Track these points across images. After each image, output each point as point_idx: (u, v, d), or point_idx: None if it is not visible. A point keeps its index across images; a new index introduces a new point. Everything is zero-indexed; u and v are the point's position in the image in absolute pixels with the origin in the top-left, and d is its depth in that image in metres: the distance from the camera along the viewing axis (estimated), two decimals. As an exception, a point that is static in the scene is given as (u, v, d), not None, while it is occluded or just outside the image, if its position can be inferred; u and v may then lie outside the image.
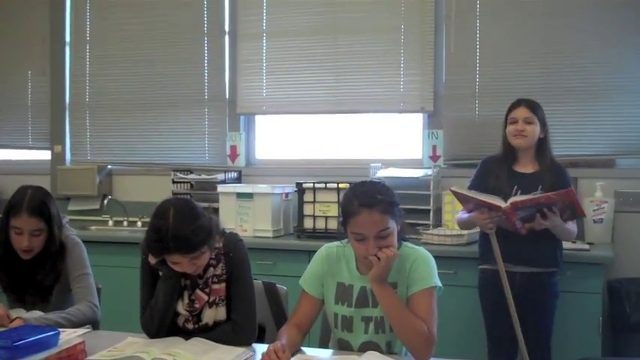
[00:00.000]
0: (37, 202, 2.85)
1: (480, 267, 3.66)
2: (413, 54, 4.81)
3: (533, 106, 3.56)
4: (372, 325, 2.44)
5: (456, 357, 2.38)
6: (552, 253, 3.52)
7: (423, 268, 2.41)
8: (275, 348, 2.23)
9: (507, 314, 3.38)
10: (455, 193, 3.47)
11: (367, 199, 2.32)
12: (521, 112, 3.54)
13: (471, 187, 3.57)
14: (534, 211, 3.28)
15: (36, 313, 2.75)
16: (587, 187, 4.33)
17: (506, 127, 3.59)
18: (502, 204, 3.28)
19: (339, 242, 2.57)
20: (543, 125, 3.55)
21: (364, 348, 2.38)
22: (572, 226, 3.46)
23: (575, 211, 3.35)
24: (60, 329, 2.35)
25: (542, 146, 3.56)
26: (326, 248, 2.58)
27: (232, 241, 2.60)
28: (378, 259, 2.30)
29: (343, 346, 2.49)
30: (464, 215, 3.58)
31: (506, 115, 3.61)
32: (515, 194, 3.39)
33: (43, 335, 2.22)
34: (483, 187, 3.50)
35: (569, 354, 3.64)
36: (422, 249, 2.50)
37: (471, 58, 4.69)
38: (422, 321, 2.31)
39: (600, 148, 4.46)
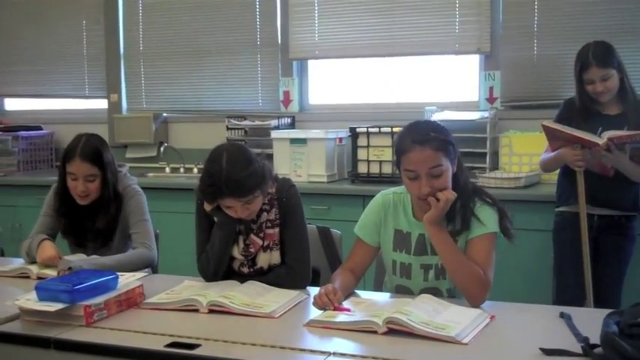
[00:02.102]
0: (90, 148, 2.89)
1: (557, 209, 3.56)
2: (469, -7, 4.67)
3: (605, 60, 3.30)
4: (431, 273, 2.42)
5: (514, 300, 2.37)
6: (634, 197, 3.42)
7: (484, 214, 2.37)
8: (327, 290, 2.24)
9: (581, 258, 3.32)
10: (546, 129, 3.33)
11: (420, 136, 2.29)
12: (595, 73, 3.30)
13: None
14: (629, 149, 3.20)
15: (95, 259, 2.82)
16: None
17: (578, 79, 3.37)
18: (599, 140, 3.17)
19: (395, 188, 2.53)
20: (620, 69, 3.34)
21: (425, 293, 2.35)
22: None
23: None
24: (119, 273, 2.40)
25: (622, 86, 3.37)
26: (382, 195, 2.54)
27: (285, 186, 2.60)
28: (437, 200, 2.27)
29: (402, 292, 2.47)
30: (550, 154, 3.44)
31: (579, 72, 3.35)
32: (599, 136, 3.27)
33: (103, 279, 2.27)
34: None
35: (629, 297, 3.57)
36: None
37: (529, -5, 4.53)
38: (478, 265, 2.28)
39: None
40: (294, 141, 4.60)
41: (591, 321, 1.97)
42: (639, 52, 4.25)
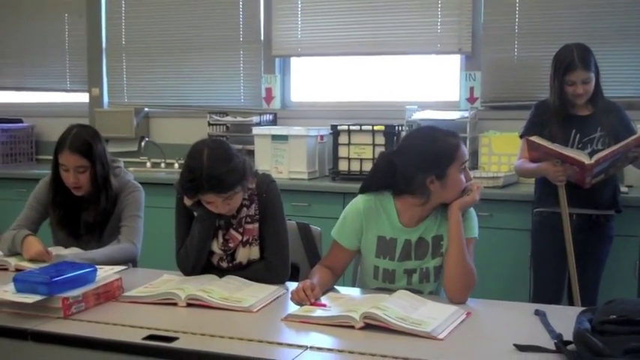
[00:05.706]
0: (79, 140, 2.89)
1: (536, 210, 3.59)
2: (450, -7, 4.70)
3: (588, 62, 3.35)
4: (415, 277, 2.44)
5: (490, 298, 2.40)
6: (611, 196, 3.47)
7: (469, 219, 2.43)
8: (304, 286, 2.25)
9: (559, 258, 3.37)
10: (532, 143, 3.35)
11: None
12: (579, 75, 3.34)
13: (529, 134, 3.43)
14: (609, 163, 3.24)
15: (75, 250, 2.82)
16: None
17: (557, 79, 3.40)
18: (586, 160, 3.20)
19: (376, 193, 2.47)
20: (597, 72, 3.40)
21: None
22: None
23: None
24: (98, 266, 2.40)
25: (595, 88, 3.41)
26: (363, 201, 2.48)
27: (265, 182, 2.61)
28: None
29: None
30: (529, 165, 3.46)
31: (561, 73, 3.37)
32: (574, 138, 3.36)
33: (81, 271, 2.27)
34: (539, 133, 3.38)
35: (604, 296, 3.61)
36: None
37: (510, -4, 4.56)
38: None
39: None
40: (275, 137, 4.60)
41: (565, 318, 2.00)
42: (618, 55, 4.31)
